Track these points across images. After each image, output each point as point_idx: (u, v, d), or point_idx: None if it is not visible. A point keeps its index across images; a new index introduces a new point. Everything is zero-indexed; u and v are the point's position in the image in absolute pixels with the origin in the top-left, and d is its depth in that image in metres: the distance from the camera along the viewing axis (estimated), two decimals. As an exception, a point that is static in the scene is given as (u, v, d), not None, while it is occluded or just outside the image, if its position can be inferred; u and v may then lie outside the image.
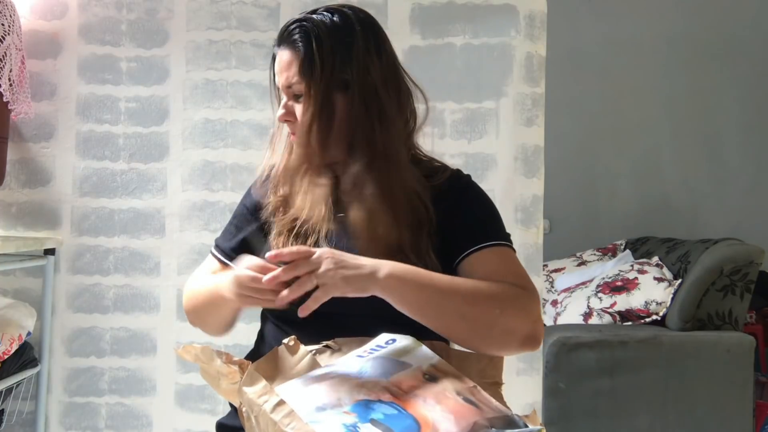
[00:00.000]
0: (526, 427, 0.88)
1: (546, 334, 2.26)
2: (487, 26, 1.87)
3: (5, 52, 1.73)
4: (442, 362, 0.95)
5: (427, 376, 0.92)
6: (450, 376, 0.93)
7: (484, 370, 1.03)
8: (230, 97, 1.88)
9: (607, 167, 3.95)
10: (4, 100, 1.74)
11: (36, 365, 1.81)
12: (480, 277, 1.10)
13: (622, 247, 3.41)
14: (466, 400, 0.89)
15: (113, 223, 1.87)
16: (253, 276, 1.02)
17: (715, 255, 2.57)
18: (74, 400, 1.86)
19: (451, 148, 1.85)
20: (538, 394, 1.89)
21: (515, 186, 1.86)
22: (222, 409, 1.78)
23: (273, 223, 1.21)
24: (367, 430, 0.82)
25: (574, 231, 3.76)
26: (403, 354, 0.96)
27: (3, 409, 1.78)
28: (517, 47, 1.86)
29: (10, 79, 1.74)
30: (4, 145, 1.80)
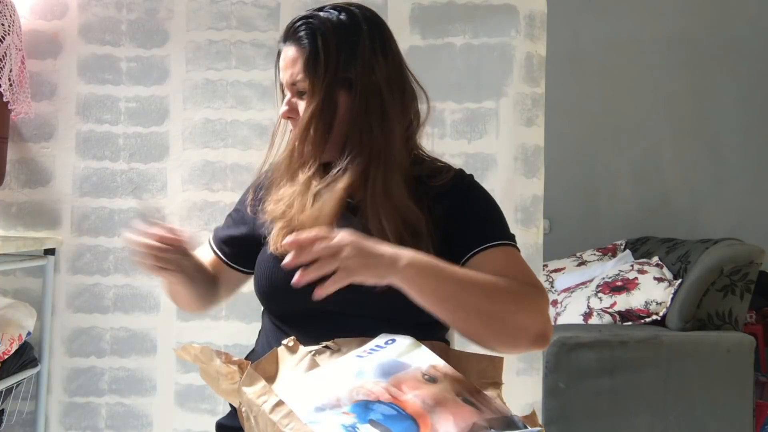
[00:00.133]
0: (526, 428, 0.88)
1: (546, 334, 2.26)
2: (487, 26, 1.87)
3: (5, 52, 1.73)
4: (441, 363, 0.95)
5: (426, 377, 0.92)
6: (449, 377, 0.92)
7: (484, 370, 1.03)
8: (230, 97, 1.88)
9: (607, 167, 3.95)
10: (4, 100, 1.74)
11: (36, 365, 1.81)
12: None
13: (622, 247, 3.41)
14: (466, 400, 0.89)
15: (113, 223, 1.87)
16: (137, 241, 1.07)
17: (715, 255, 2.56)
18: (74, 400, 1.87)
19: (451, 148, 1.85)
20: (538, 394, 1.89)
21: (515, 186, 1.86)
22: (222, 409, 1.78)
23: (268, 220, 1.21)
24: (366, 430, 0.82)
25: (574, 231, 3.76)
26: (402, 354, 0.96)
27: (3, 409, 1.78)
28: (517, 47, 1.86)
29: (10, 79, 1.74)
30: (4, 145, 1.80)
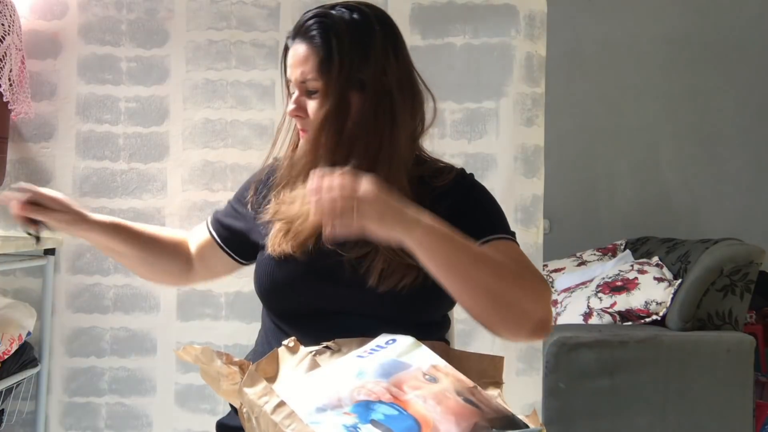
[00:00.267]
0: (527, 427, 0.88)
1: (546, 334, 2.26)
2: (487, 26, 1.87)
3: (5, 52, 1.72)
4: (442, 363, 0.95)
5: (427, 377, 0.91)
6: (450, 377, 0.92)
7: (484, 370, 1.03)
8: (230, 97, 1.88)
9: (607, 167, 3.95)
10: (4, 100, 1.74)
11: (36, 365, 1.81)
12: None
13: (622, 247, 3.41)
14: (467, 400, 0.89)
15: (113, 223, 1.87)
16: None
17: (715, 255, 2.56)
18: (74, 400, 1.86)
19: (451, 148, 1.85)
20: (538, 394, 1.89)
21: (515, 186, 1.86)
22: (222, 409, 1.78)
23: (269, 218, 1.20)
24: (367, 430, 0.82)
25: (574, 231, 3.76)
26: (403, 354, 0.96)
27: (3, 409, 1.78)
28: (517, 47, 1.86)
29: (10, 79, 1.74)
30: (4, 145, 1.80)
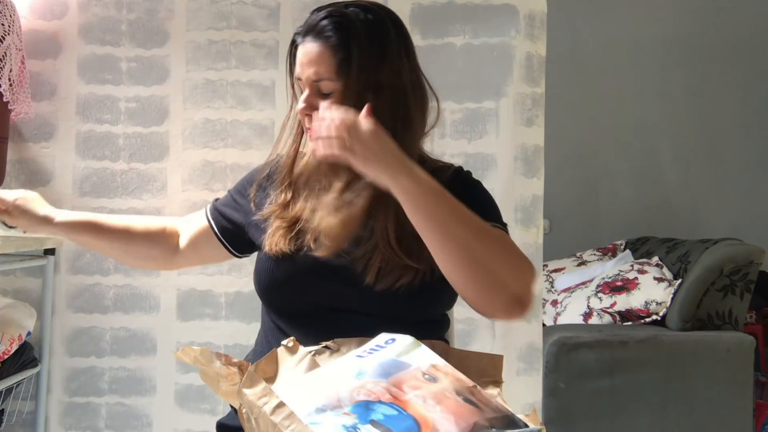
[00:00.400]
0: (527, 426, 0.88)
1: (546, 334, 2.26)
2: (487, 26, 1.87)
3: (5, 52, 1.72)
4: (442, 362, 0.95)
5: (427, 376, 0.91)
6: (450, 376, 0.92)
7: (484, 369, 1.03)
8: (230, 97, 1.88)
9: (607, 167, 3.95)
10: (4, 100, 1.74)
11: (36, 365, 1.81)
12: None
13: (622, 247, 3.41)
14: (466, 400, 0.89)
15: (113, 223, 1.87)
16: None
17: (715, 255, 2.57)
18: (74, 400, 1.86)
19: (451, 148, 1.85)
20: (538, 394, 1.89)
21: (515, 186, 1.86)
22: (222, 409, 1.78)
23: (267, 214, 1.20)
24: (367, 431, 0.82)
25: (574, 231, 3.76)
26: (403, 354, 0.96)
27: (3, 409, 1.78)
28: (517, 47, 1.86)
29: (10, 79, 1.74)
30: (4, 145, 1.80)
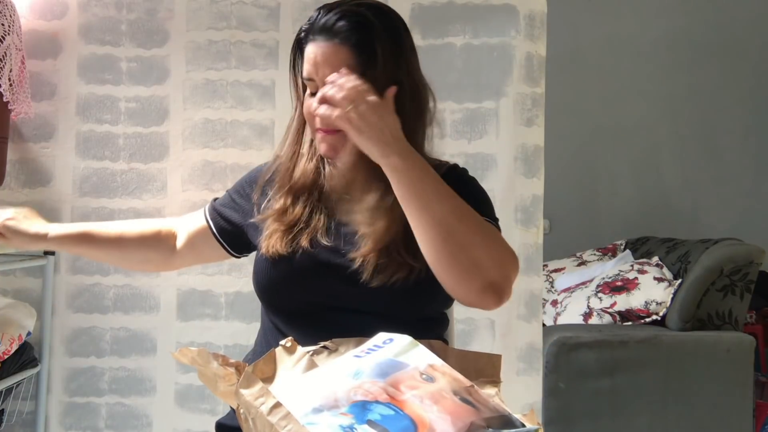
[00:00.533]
0: (524, 426, 0.88)
1: (546, 334, 2.26)
2: (487, 26, 1.87)
3: (5, 52, 1.73)
4: (439, 362, 0.95)
5: (424, 376, 0.91)
6: (447, 376, 0.92)
7: (482, 369, 1.03)
8: (230, 97, 1.88)
9: (607, 167, 3.95)
10: (4, 100, 1.74)
11: (36, 365, 1.81)
12: None
13: (622, 247, 3.41)
14: (463, 400, 0.89)
15: (113, 223, 1.87)
16: None
17: (715, 255, 2.57)
18: (74, 400, 1.87)
19: (451, 148, 1.85)
20: (538, 394, 1.89)
21: (515, 186, 1.86)
22: (222, 409, 1.78)
23: (267, 216, 1.20)
24: (363, 431, 0.82)
25: (574, 231, 3.77)
26: (400, 354, 0.95)
27: (3, 409, 1.78)
28: (517, 47, 1.85)
29: (10, 79, 1.74)
30: (4, 145, 1.80)
